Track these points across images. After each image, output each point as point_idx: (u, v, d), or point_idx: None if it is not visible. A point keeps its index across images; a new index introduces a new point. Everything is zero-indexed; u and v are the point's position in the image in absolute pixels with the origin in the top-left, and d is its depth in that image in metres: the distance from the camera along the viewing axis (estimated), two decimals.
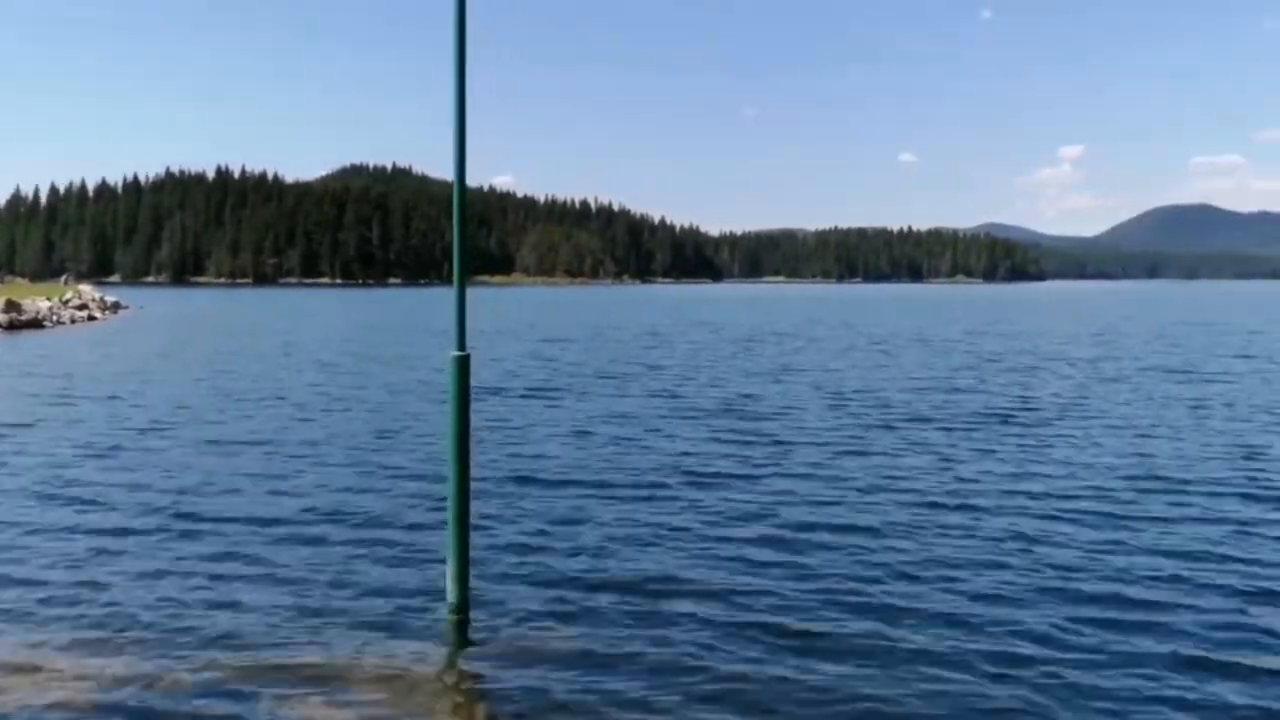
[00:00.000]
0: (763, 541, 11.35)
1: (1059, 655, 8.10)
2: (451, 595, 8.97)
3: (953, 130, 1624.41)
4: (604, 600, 9.38)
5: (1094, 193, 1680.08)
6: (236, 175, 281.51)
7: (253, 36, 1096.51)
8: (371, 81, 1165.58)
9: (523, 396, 25.08)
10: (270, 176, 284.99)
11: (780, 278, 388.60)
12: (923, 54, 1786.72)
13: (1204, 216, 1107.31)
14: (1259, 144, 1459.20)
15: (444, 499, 9.75)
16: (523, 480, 14.64)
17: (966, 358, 37.76)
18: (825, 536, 11.54)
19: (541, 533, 11.64)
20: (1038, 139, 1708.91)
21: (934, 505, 13.16)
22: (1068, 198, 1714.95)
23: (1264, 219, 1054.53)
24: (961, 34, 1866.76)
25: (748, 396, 25.00)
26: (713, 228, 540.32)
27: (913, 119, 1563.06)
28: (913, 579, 10.03)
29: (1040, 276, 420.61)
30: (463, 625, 8.72)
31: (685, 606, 9.20)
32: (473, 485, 9.27)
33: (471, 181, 19.91)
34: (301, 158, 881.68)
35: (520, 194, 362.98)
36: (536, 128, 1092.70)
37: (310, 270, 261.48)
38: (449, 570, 8.99)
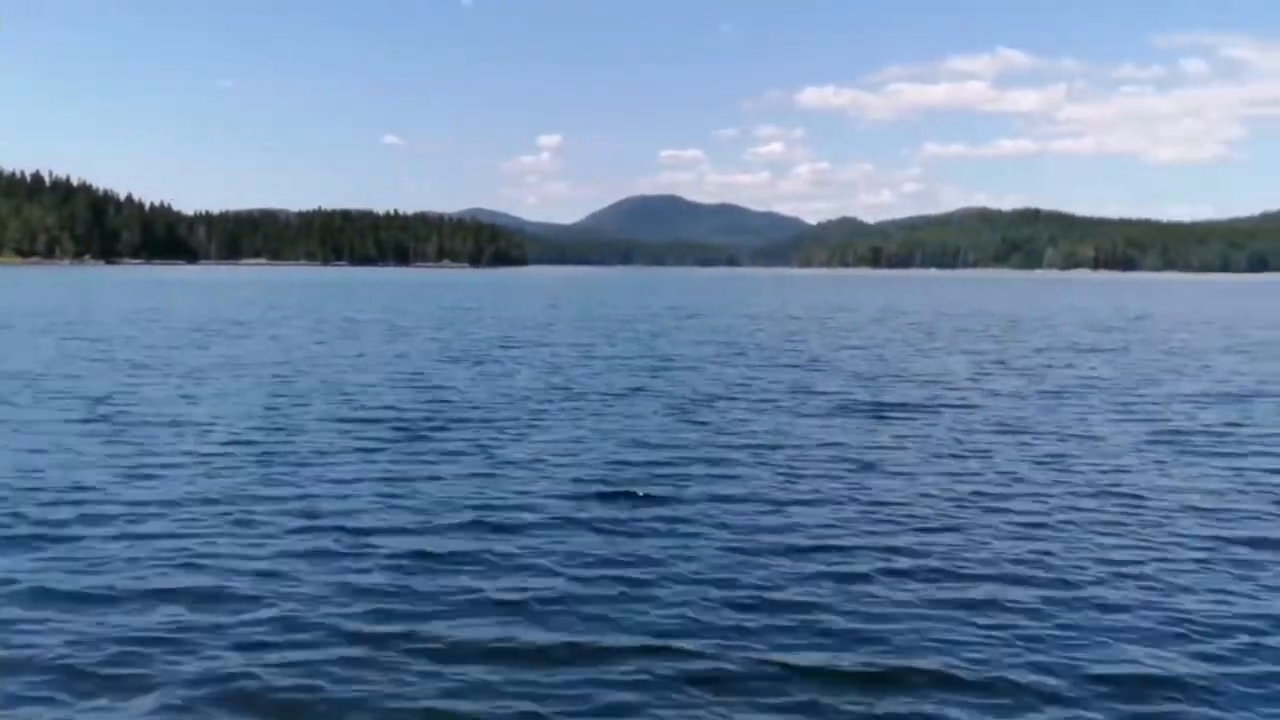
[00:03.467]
0: None
1: None
2: None
3: (439, 114, 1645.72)
4: None
5: (572, 181, 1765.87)
6: None
7: None
8: None
9: None
10: None
11: (262, 260, 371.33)
12: (409, 36, 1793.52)
13: (671, 207, 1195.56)
14: (717, 140, 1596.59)
15: None
16: None
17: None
18: None
19: None
20: (520, 127, 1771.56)
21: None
22: (548, 185, 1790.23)
23: (722, 210, 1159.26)
24: (444, 18, 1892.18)
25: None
26: (187, 206, 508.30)
27: (398, 101, 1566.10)
28: None
29: (524, 261, 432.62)
30: None
31: None
32: None
33: None
34: None
35: None
36: None
37: None
38: None
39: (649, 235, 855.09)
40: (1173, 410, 21.58)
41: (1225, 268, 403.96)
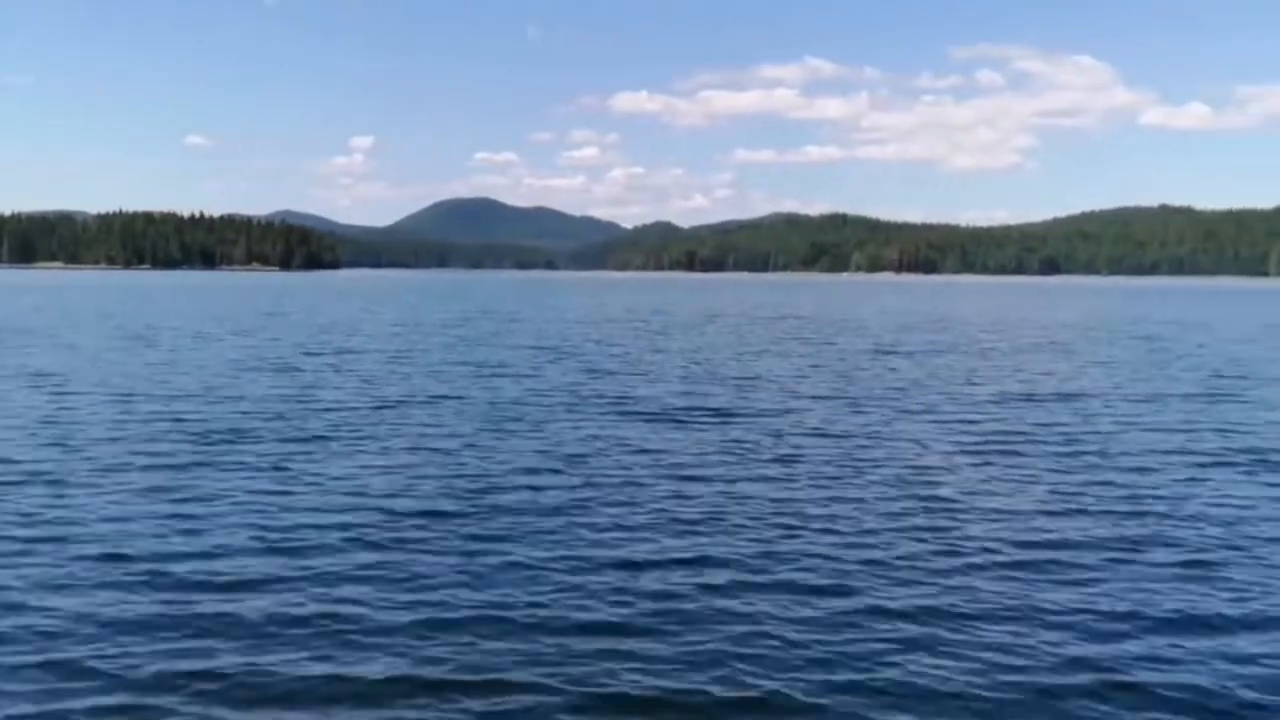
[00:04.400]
0: None
1: None
2: None
3: (245, 115, 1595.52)
4: None
5: (386, 183, 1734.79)
6: None
7: None
8: None
9: None
10: None
11: (58, 264, 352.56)
12: (214, 33, 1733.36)
13: (487, 209, 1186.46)
14: (532, 144, 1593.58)
15: None
16: None
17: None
18: None
19: None
20: (331, 128, 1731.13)
21: None
22: (361, 187, 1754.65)
23: (538, 213, 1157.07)
24: (249, 16, 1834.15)
25: None
26: None
27: (202, 101, 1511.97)
28: None
29: (337, 264, 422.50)
30: None
31: None
32: None
33: None
34: None
35: None
36: None
37: None
38: None
39: (465, 238, 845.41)
40: (986, 412, 22.37)
41: (1020, 270, 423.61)
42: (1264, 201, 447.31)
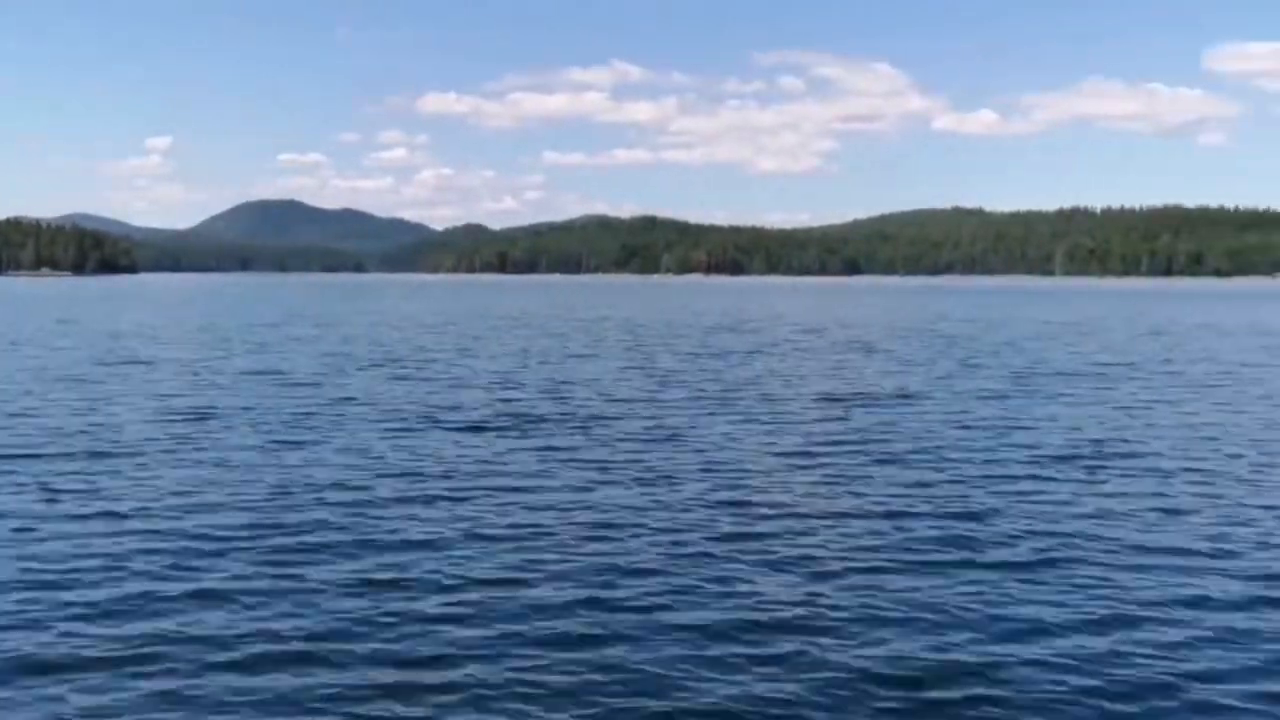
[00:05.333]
0: None
1: None
2: None
3: (30, 115, 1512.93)
4: None
5: (186, 185, 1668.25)
6: None
7: None
8: None
9: None
10: None
11: None
12: None
13: (292, 211, 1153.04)
14: (339, 145, 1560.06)
15: None
16: None
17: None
18: None
19: None
20: (124, 128, 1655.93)
21: None
22: (159, 189, 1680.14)
23: (346, 215, 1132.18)
24: (32, 9, 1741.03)
25: None
26: None
27: None
28: None
29: (134, 269, 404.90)
30: None
31: None
32: None
33: None
34: None
35: None
36: None
37: None
38: None
39: (269, 240, 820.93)
40: (804, 413, 22.51)
41: (823, 271, 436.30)
42: (1049, 204, 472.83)
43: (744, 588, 10.16)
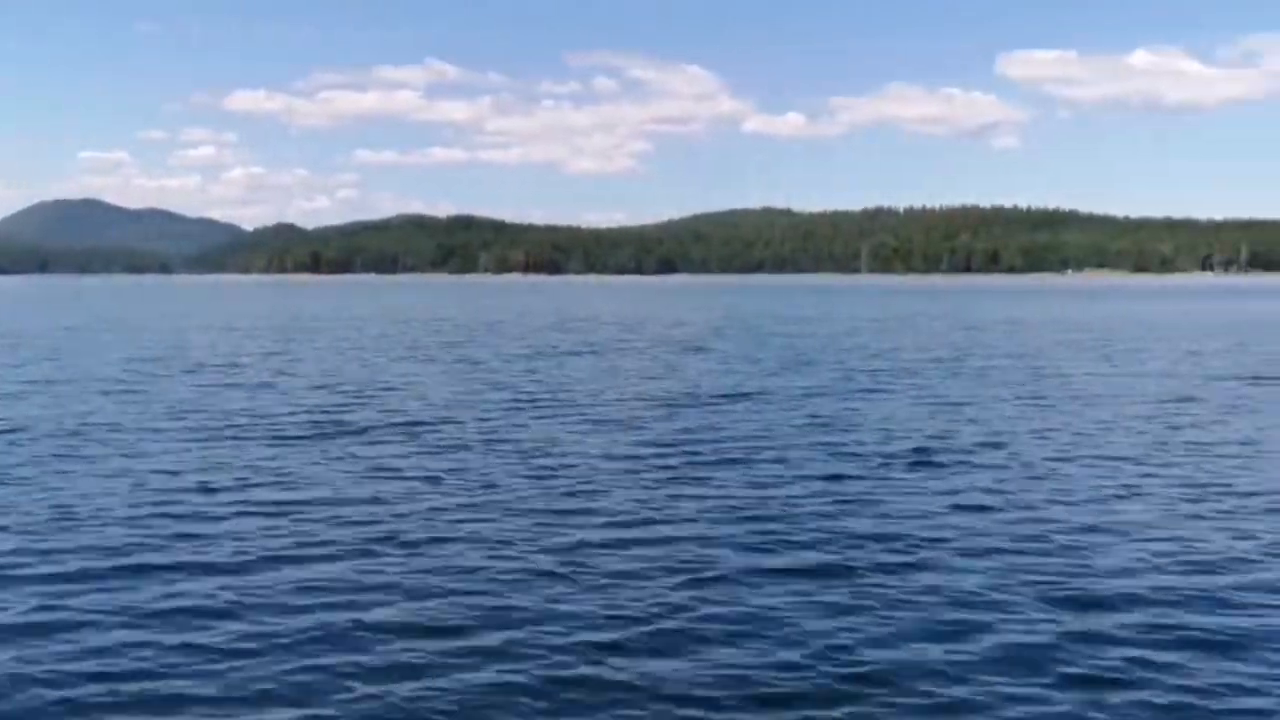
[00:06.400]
0: None
1: None
2: None
3: None
4: None
5: None
6: None
7: None
8: None
9: None
10: None
11: None
12: None
13: (93, 211, 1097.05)
14: (142, 142, 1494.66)
15: None
16: None
17: None
18: None
19: None
20: None
21: None
22: None
23: (151, 215, 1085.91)
24: None
25: None
26: None
27: None
28: None
29: None
30: None
31: None
32: None
33: None
34: None
35: None
36: None
37: None
38: None
39: (69, 241, 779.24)
40: (637, 414, 22.46)
41: (639, 270, 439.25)
42: (855, 204, 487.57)
43: (567, 607, 9.66)
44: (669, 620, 9.29)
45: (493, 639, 8.85)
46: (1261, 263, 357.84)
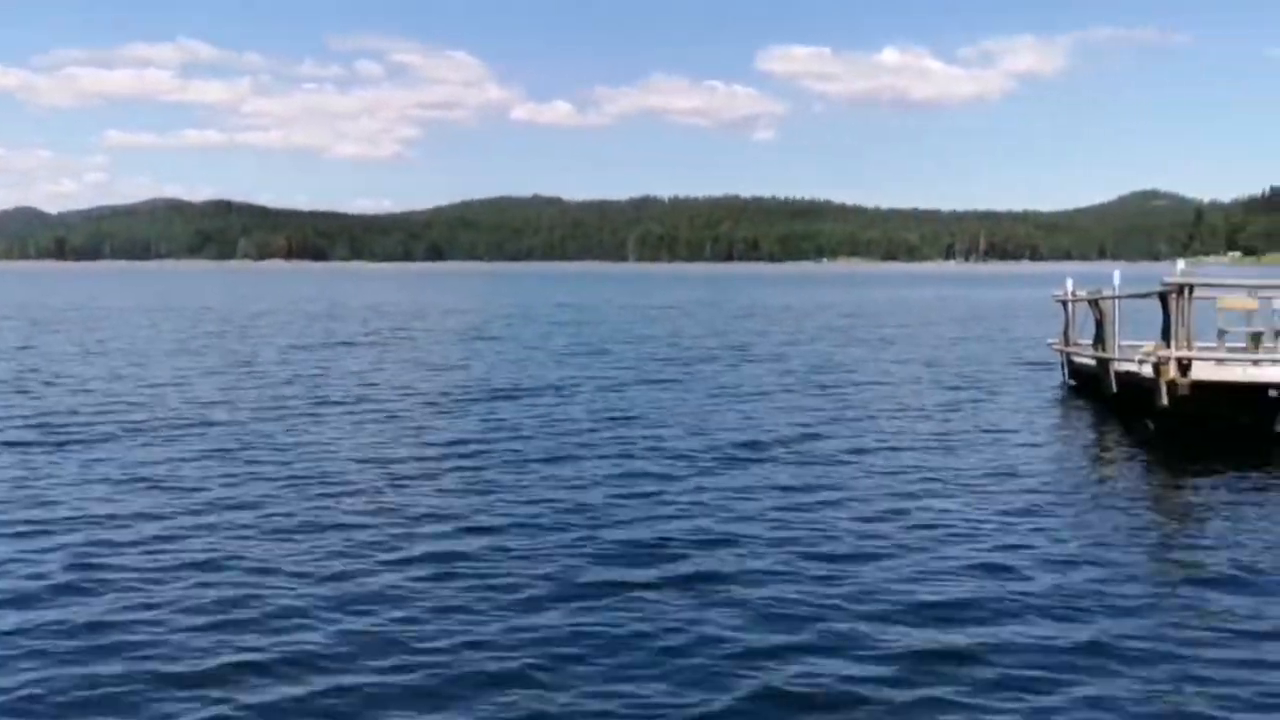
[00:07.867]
0: None
1: None
2: None
3: None
4: None
5: None
6: None
7: None
8: None
9: None
10: None
11: None
12: None
13: None
14: None
15: None
16: None
17: None
18: None
19: None
20: None
21: None
22: None
23: None
24: None
25: None
26: None
27: None
28: None
29: None
30: None
31: None
32: None
33: None
34: None
35: None
36: None
37: None
38: None
39: None
40: (430, 410, 21.25)
41: (407, 257, 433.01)
42: (622, 194, 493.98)
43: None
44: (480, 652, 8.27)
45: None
46: (998, 252, 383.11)
